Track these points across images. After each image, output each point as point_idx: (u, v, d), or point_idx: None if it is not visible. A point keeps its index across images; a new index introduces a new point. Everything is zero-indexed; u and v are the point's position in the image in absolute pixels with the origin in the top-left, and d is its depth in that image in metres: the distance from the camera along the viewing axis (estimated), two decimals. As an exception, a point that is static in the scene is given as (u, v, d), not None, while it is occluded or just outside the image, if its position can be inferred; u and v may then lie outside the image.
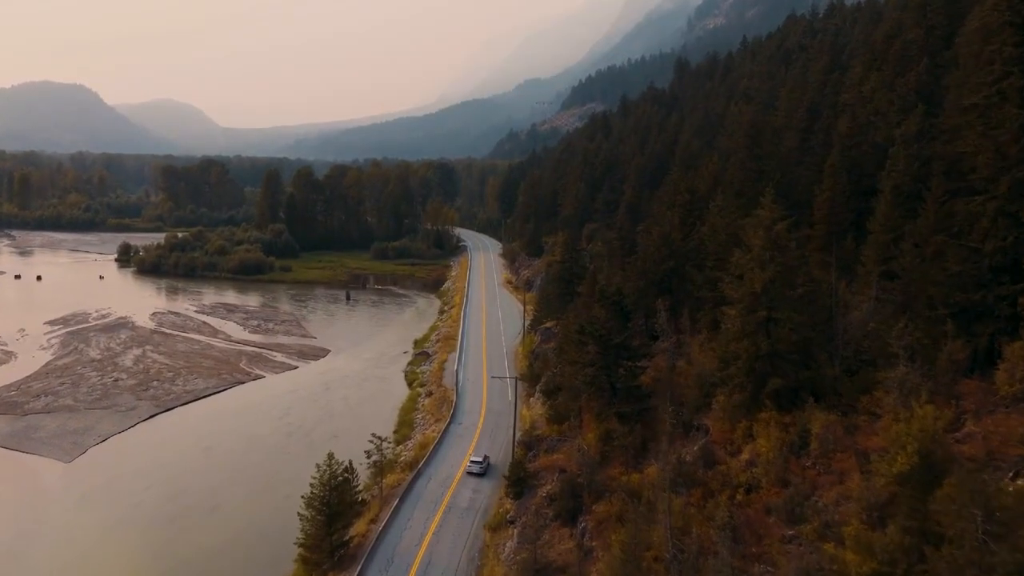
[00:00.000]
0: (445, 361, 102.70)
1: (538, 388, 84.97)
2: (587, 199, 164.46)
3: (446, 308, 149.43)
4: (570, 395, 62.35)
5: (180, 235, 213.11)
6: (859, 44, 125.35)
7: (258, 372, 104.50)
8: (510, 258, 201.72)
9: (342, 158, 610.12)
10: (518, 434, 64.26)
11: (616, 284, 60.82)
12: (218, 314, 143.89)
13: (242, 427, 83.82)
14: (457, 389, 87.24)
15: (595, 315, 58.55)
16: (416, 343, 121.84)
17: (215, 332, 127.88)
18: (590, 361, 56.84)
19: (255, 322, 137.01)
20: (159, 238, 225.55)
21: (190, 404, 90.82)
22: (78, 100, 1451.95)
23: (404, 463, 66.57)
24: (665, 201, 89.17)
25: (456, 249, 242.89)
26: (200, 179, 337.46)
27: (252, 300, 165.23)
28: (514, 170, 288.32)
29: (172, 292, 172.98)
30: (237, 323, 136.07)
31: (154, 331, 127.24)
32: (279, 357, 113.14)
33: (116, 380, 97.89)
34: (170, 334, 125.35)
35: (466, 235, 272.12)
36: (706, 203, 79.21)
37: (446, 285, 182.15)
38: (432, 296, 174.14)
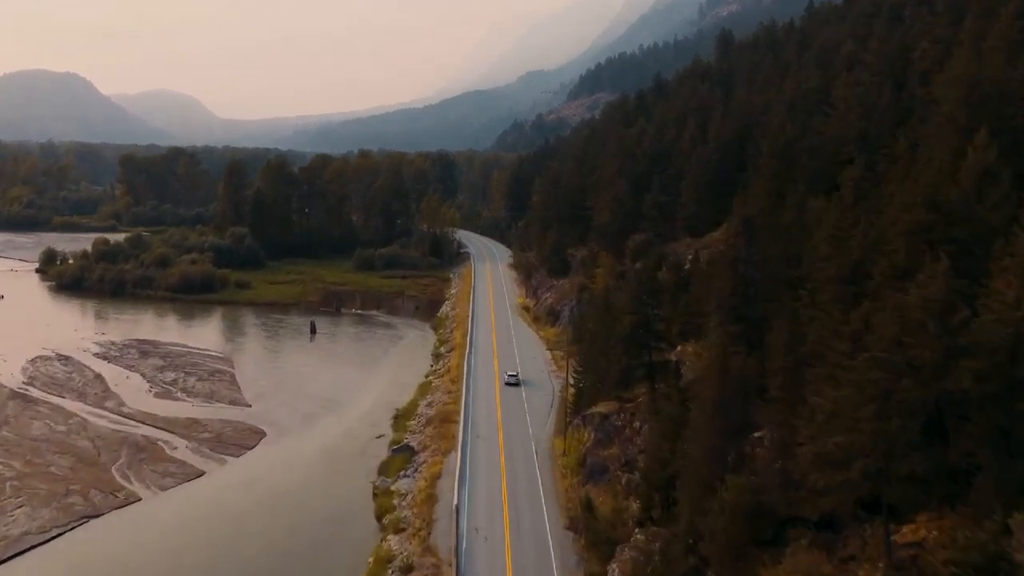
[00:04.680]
0: (438, 475, 62.48)
1: (615, 566, 44.83)
2: (630, 201, 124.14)
3: (443, 350, 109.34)
4: None
5: (111, 240, 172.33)
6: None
7: (133, 488, 64.29)
8: (524, 272, 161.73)
9: (339, 150, 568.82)
10: None
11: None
12: (126, 359, 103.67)
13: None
14: (458, 564, 47.26)
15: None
16: (397, 419, 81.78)
17: (104, 396, 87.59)
18: None
19: (171, 374, 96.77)
20: (115, 239, 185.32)
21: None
22: (71, 89, 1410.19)
23: None
24: (842, 222, 48.61)
25: (456, 257, 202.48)
26: (166, 171, 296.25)
27: (185, 333, 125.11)
28: (524, 163, 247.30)
29: (85, 319, 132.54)
30: (146, 376, 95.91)
31: (15, 393, 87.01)
32: (181, 449, 72.96)
33: None
34: (35, 400, 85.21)
35: (468, 239, 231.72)
36: (970, 227, 39.05)
37: (444, 310, 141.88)
38: (426, 326, 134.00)
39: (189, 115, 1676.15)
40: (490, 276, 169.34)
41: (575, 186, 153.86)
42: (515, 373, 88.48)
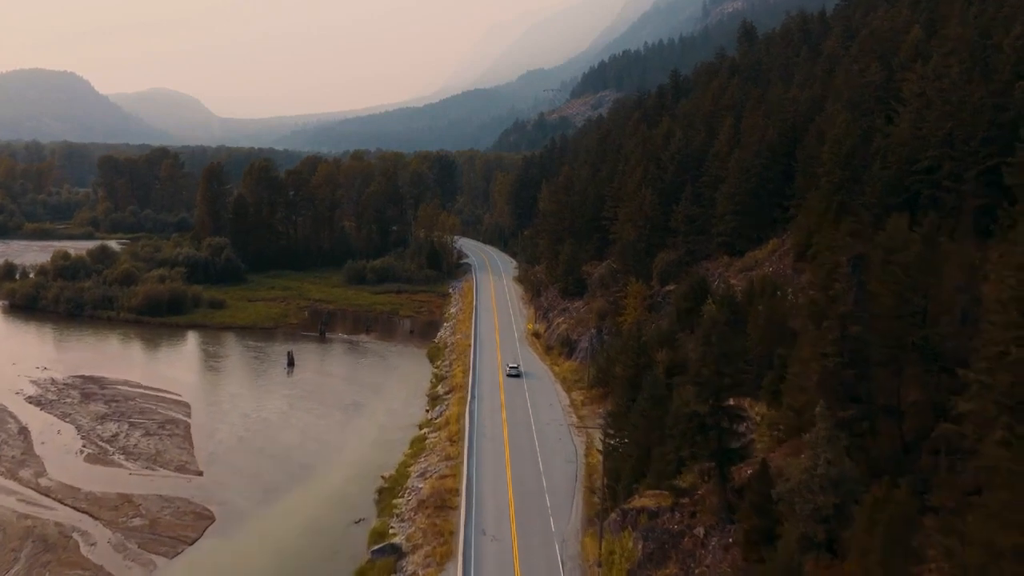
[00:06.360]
0: (432, 605, 46.05)
1: None
2: (657, 213, 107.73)
3: (441, 391, 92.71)
4: None
5: (73, 252, 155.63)
6: None
7: (19, 618, 47.82)
8: (531, 287, 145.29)
9: (338, 149, 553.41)
10: None
11: None
12: (64, 404, 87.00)
13: None
14: None
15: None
16: (381, 495, 65.20)
17: (22, 461, 70.95)
18: None
19: (113, 427, 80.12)
20: (89, 247, 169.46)
21: None
22: (68, 88, 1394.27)
23: None
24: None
25: (456, 269, 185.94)
26: (148, 173, 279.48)
27: (144, 365, 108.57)
28: (530, 165, 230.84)
29: (30, 348, 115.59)
30: (81, 429, 79.25)
31: (-89, 458, 70.54)
32: (100, 545, 56.28)
33: None
34: (-67, 468, 68.65)
35: (469, 247, 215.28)
36: None
37: (442, 335, 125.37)
38: (422, 354, 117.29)
39: (188, 114, 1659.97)
40: (494, 292, 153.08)
41: (591, 194, 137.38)
42: (516, 365, 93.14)
